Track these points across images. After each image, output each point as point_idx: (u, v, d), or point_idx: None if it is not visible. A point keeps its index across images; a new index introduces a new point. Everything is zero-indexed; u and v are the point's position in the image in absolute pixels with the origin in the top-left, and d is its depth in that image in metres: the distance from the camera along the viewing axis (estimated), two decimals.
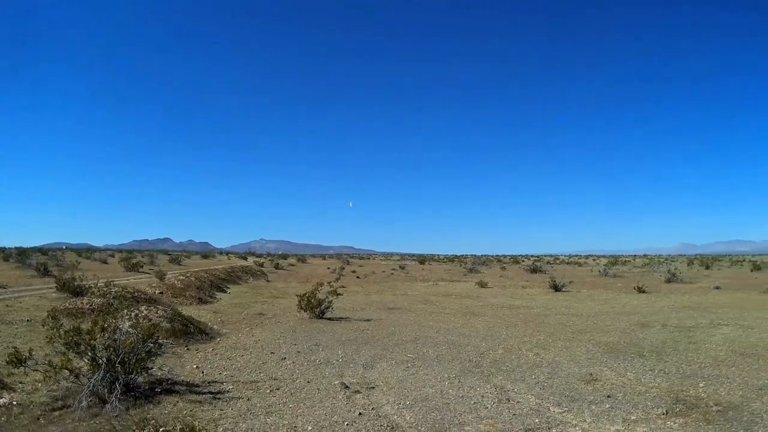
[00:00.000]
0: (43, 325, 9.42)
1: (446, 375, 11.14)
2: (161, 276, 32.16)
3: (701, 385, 10.02)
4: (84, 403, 8.03)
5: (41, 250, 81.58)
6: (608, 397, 9.37)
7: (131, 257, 59.40)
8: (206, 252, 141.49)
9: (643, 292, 33.10)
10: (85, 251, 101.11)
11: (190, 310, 20.93)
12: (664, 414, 8.36)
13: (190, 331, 15.36)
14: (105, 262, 58.45)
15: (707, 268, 71.03)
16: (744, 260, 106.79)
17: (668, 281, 43.03)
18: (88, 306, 16.58)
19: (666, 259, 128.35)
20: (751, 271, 60.24)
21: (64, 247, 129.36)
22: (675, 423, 7.95)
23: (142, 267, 48.93)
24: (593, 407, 8.81)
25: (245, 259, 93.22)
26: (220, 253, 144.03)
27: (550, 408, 8.82)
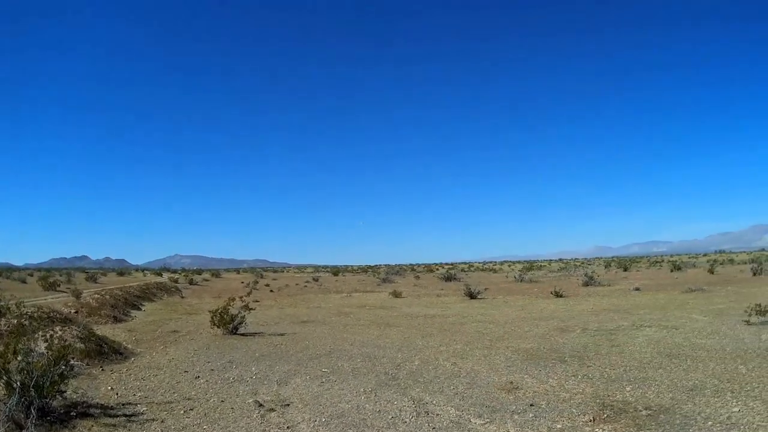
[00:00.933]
0: None
1: (362, 389, 10.90)
2: (77, 295, 31.26)
3: (628, 388, 10.01)
4: (2, 429, 7.74)
5: None
6: (531, 405, 9.25)
7: (49, 276, 58.33)
8: (123, 269, 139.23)
9: (561, 296, 33.13)
10: (5, 270, 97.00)
11: (105, 329, 20.32)
12: (591, 421, 8.27)
13: (105, 351, 14.86)
14: (24, 282, 56.73)
15: (625, 270, 72.42)
16: (662, 261, 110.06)
17: (586, 284, 43.32)
18: (5, 327, 15.80)
19: (582, 263, 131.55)
20: (671, 271, 61.36)
21: None
22: (603, 429, 7.87)
23: (59, 286, 47.45)
24: (516, 417, 8.68)
25: (160, 275, 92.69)
26: (137, 270, 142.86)
27: (471, 420, 8.67)
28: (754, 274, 44.99)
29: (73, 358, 9.95)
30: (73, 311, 23.51)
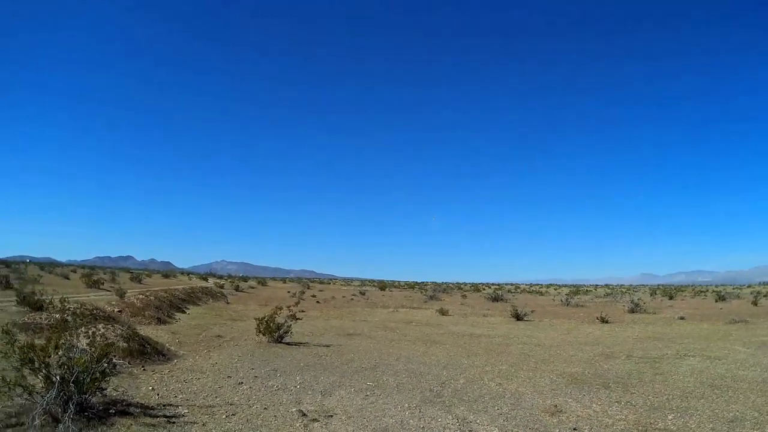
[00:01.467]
0: None
1: (407, 404, 10.85)
2: (121, 294, 31.85)
3: (670, 417, 9.92)
4: (37, 422, 7.76)
5: (4, 262, 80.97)
6: (574, 429, 9.21)
7: (93, 274, 59.76)
8: (168, 271, 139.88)
9: (606, 322, 32.74)
10: (48, 265, 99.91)
11: (148, 330, 20.57)
12: None
13: (147, 352, 15.03)
14: (67, 278, 57.97)
15: (671, 298, 71.45)
16: (707, 290, 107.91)
17: (631, 311, 42.85)
18: (46, 321, 16.17)
19: (628, 289, 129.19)
20: (716, 301, 60.40)
21: (27, 260, 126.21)
22: None
23: (102, 284, 48.33)
24: None
25: (206, 280, 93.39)
26: (182, 273, 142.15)
27: None
28: None
29: (114, 357, 10.10)
30: (116, 310, 23.79)
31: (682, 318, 35.77)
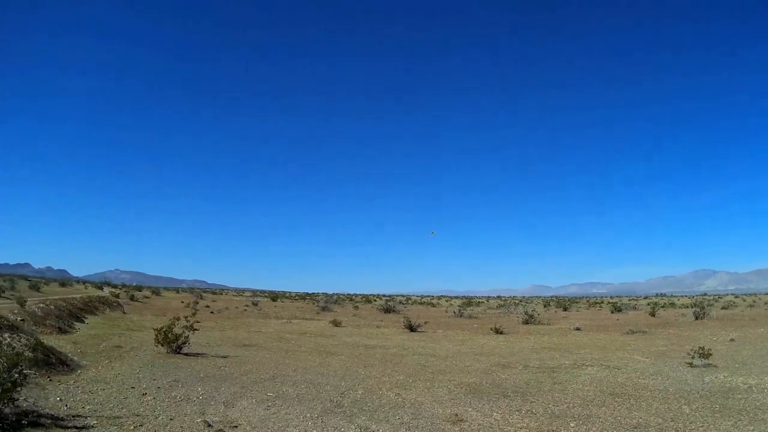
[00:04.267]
0: None
1: (309, 415, 10.94)
2: (22, 303, 30.76)
3: (572, 425, 10.22)
4: None
5: None
6: None
7: None
8: (64, 280, 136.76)
9: (501, 333, 32.86)
10: None
11: (51, 340, 19.97)
12: None
13: (52, 362, 14.72)
14: None
15: (565, 309, 73.07)
16: (602, 302, 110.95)
17: (526, 322, 43.11)
18: None
19: (521, 301, 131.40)
20: (611, 312, 61.96)
21: None
22: None
23: (3, 292, 46.64)
24: None
25: (101, 289, 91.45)
26: (77, 282, 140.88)
27: None
28: (696, 318, 45.04)
29: (23, 367, 9.77)
30: (19, 319, 23.09)
31: (578, 329, 36.42)
